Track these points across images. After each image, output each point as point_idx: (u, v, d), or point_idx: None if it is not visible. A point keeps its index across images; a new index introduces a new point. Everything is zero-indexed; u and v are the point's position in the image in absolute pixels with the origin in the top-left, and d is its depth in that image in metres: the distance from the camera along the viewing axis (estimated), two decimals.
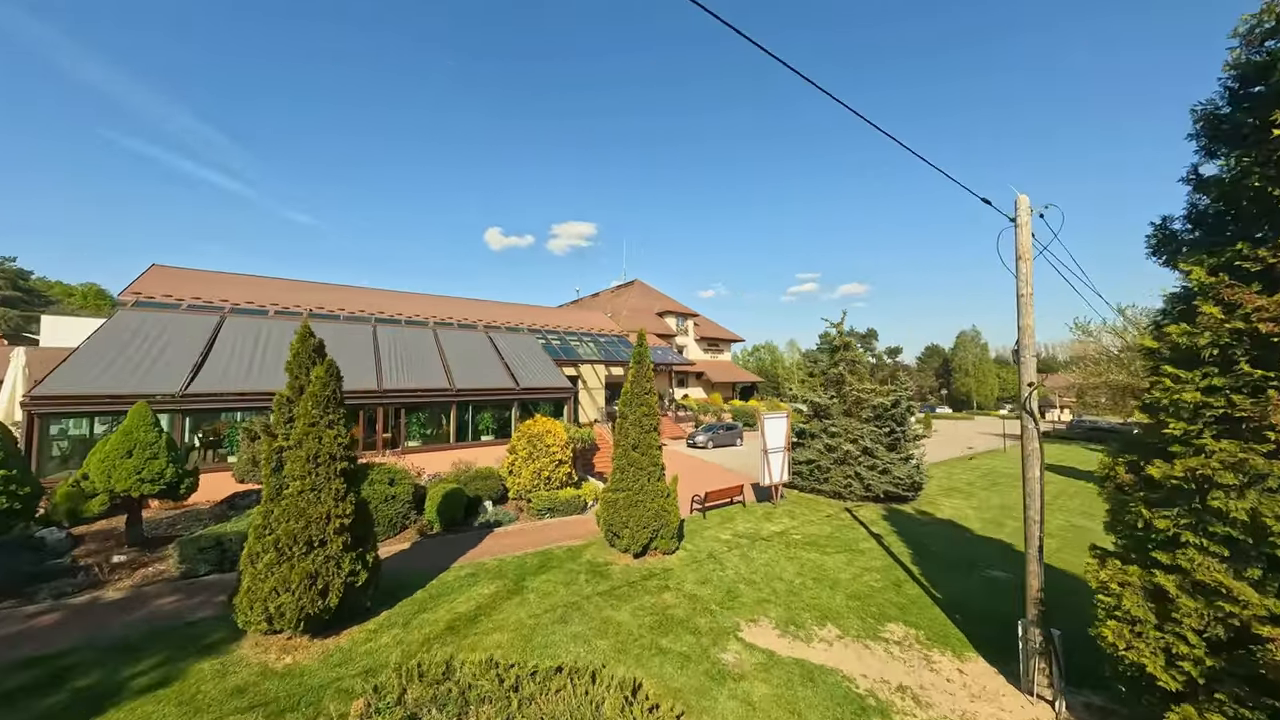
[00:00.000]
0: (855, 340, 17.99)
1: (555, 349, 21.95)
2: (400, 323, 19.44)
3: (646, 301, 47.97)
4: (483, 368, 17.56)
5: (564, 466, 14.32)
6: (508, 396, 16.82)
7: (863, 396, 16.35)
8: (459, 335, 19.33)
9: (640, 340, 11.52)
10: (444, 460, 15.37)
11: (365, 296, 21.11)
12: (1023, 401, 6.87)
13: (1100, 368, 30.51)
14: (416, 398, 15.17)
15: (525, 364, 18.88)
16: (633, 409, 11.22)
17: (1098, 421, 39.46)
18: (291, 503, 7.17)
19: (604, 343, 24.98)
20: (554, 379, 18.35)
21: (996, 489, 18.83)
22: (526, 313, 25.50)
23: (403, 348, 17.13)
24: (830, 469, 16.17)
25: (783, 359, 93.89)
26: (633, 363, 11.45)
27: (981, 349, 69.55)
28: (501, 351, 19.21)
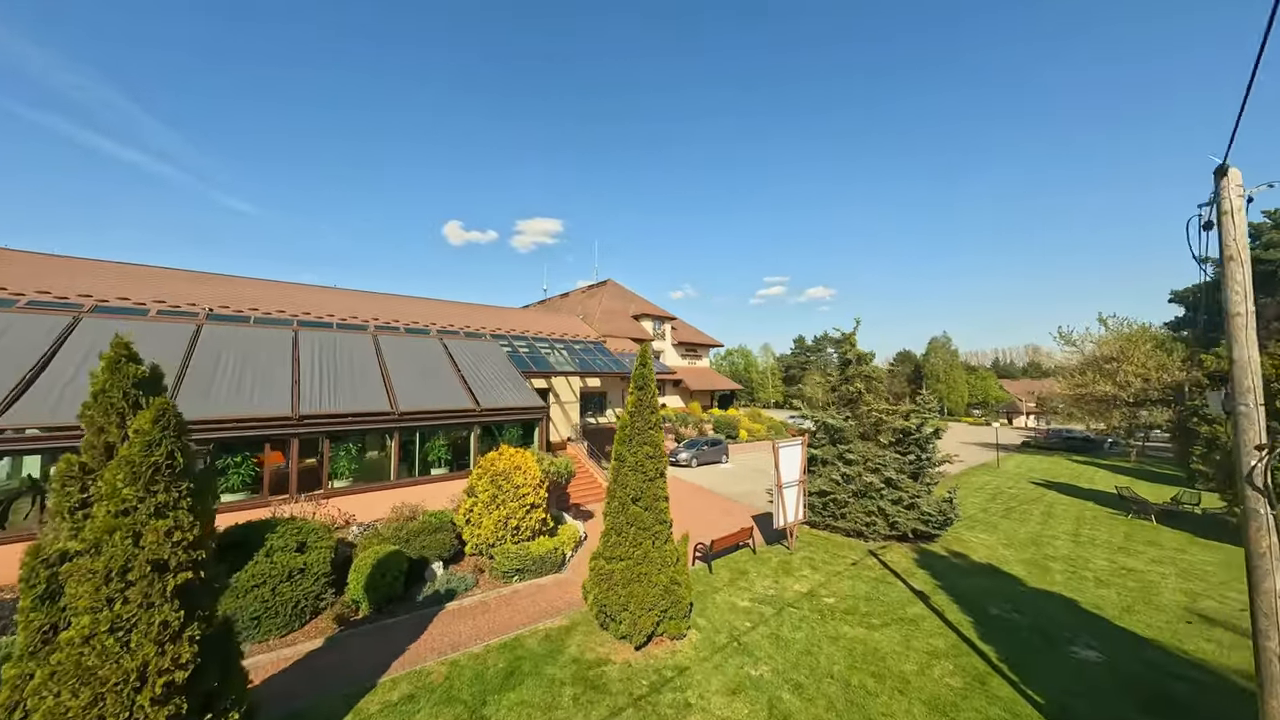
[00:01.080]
0: (871, 354, 15.90)
1: (523, 358, 18.93)
2: (332, 326, 15.96)
3: (621, 303, 45.25)
4: (435, 383, 14.40)
5: (537, 511, 11.44)
6: (466, 419, 13.76)
7: (884, 419, 14.22)
8: (407, 343, 16.04)
9: (643, 358, 8.84)
10: (382, 503, 12.18)
11: (288, 293, 17.42)
12: (1249, 470, 4.59)
13: (1086, 378, 30.06)
14: (346, 424, 11.92)
15: (488, 377, 15.81)
16: (633, 448, 8.53)
17: (1073, 431, 39.62)
18: (70, 659, 4.09)
19: (578, 350, 22.12)
20: (522, 396, 15.38)
21: (1015, 517, 17.18)
22: (490, 315, 22.31)
23: (332, 359, 13.76)
24: (848, 502, 13.96)
25: (756, 363, 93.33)
26: (632, 388, 8.77)
27: (952, 355, 70.60)
28: (459, 362, 16.07)
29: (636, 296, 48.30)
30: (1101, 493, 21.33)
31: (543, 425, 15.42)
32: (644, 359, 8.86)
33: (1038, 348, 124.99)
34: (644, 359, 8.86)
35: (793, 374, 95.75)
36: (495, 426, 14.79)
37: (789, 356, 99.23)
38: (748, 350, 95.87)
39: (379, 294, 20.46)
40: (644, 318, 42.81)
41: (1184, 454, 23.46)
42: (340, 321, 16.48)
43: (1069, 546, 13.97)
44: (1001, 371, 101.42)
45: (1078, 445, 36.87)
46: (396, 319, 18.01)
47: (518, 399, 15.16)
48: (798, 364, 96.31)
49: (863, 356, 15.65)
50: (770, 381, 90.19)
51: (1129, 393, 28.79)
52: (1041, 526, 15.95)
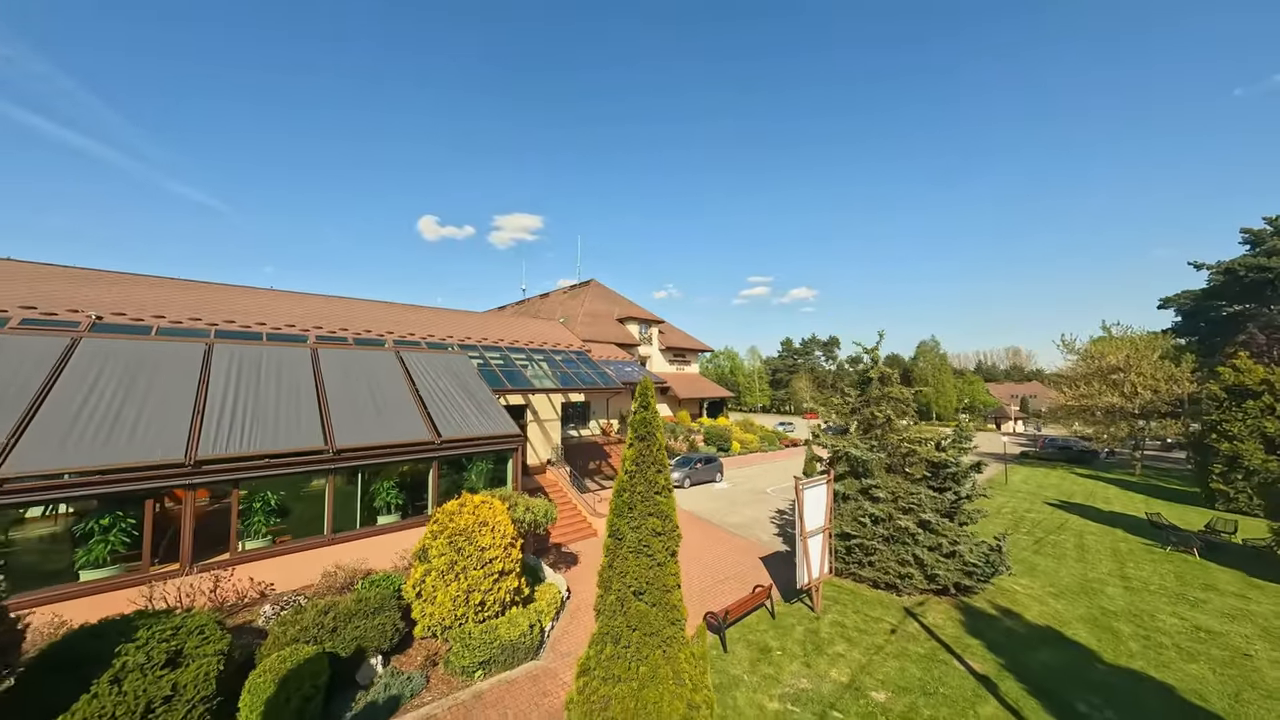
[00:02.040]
0: (894, 373, 13.92)
1: (496, 373, 16.46)
2: (260, 338, 13.28)
3: (606, 305, 42.90)
4: (386, 409, 11.88)
5: (507, 580, 9.07)
6: (422, 454, 11.29)
7: (916, 450, 12.23)
8: (355, 358, 13.44)
9: (644, 395, 6.59)
10: (312, 566, 9.66)
11: (208, 297, 14.46)
12: None
13: (1092, 389, 28.86)
14: (262, 469, 9.36)
15: (453, 399, 13.34)
16: (634, 521, 6.30)
17: (1069, 441, 38.74)
18: None
19: (559, 361, 19.72)
20: (493, 421, 12.97)
21: (1048, 552, 15.45)
22: (458, 322, 19.70)
23: (255, 381, 11.13)
24: (878, 549, 11.93)
25: (743, 366, 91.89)
26: (631, 436, 6.53)
27: (940, 359, 70.19)
28: (418, 381, 13.55)
29: (622, 298, 46.00)
30: (1124, 517, 19.88)
31: (517, 456, 13.02)
32: (645, 395, 6.60)
33: (1018, 350, 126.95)
34: (645, 395, 6.60)
35: (780, 377, 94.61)
36: (462, 459, 12.35)
37: (776, 359, 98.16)
38: (734, 353, 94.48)
39: (325, 297, 17.60)
40: (630, 321, 40.58)
41: (1202, 471, 22.24)
42: (273, 331, 13.78)
43: (1123, 595, 12.20)
44: (984, 374, 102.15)
45: (1076, 455, 35.93)
46: (345, 327, 15.36)
47: (488, 425, 12.72)
48: (785, 367, 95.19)
49: (887, 375, 13.66)
50: (757, 385, 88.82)
51: (1136, 404, 27.69)
52: (1082, 566, 14.21)
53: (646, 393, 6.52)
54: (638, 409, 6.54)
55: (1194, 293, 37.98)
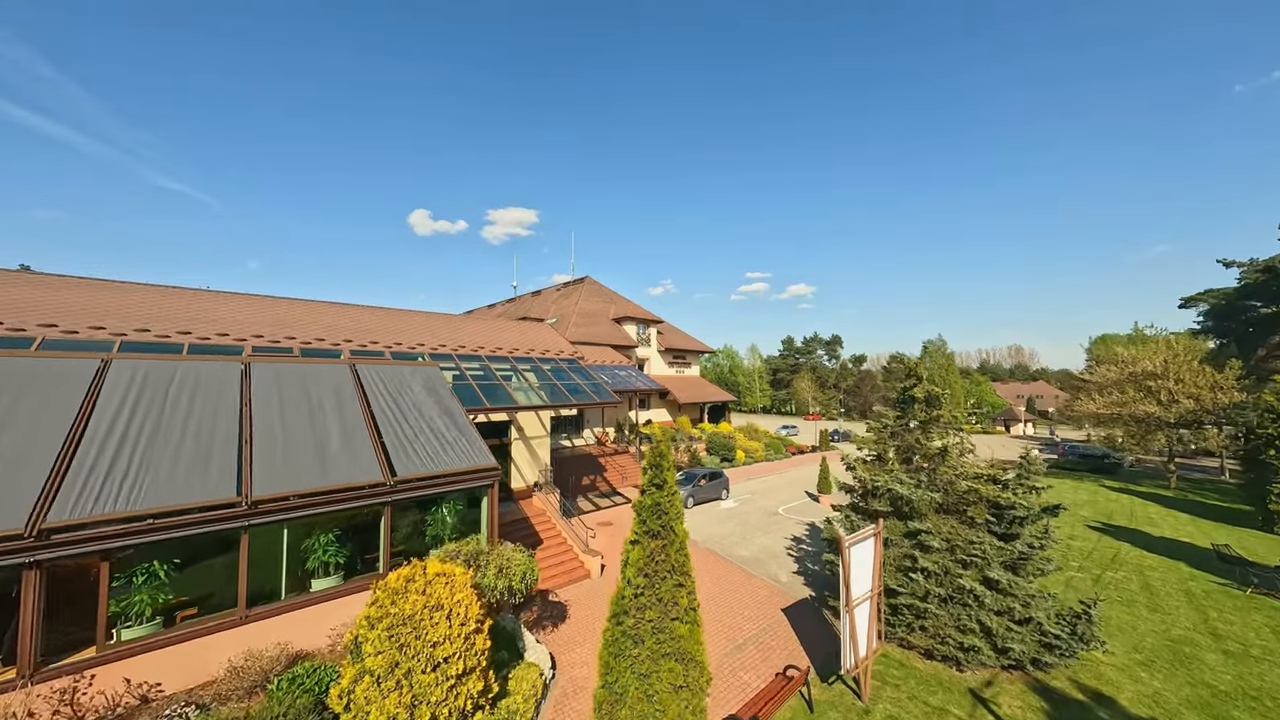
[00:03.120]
0: (939, 391, 11.74)
1: (473, 388, 14.19)
2: (181, 351, 10.98)
3: (601, 304, 40.62)
4: (328, 441, 9.61)
5: (470, 680, 6.84)
6: (370, 499, 9.04)
7: (979, 489, 10.04)
8: (297, 374, 11.14)
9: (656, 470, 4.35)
10: (217, 653, 7.43)
11: (123, 300, 11.98)
12: None
13: (1126, 396, 26.78)
14: (143, 533, 7.09)
15: (416, 423, 11.11)
16: (641, 665, 4.13)
17: (1091, 448, 36.75)
18: None
19: (548, 370, 17.45)
20: (466, 451, 10.74)
21: (1116, 595, 13.34)
22: (434, 326, 17.36)
23: (160, 409, 8.84)
24: (929, 610, 9.75)
25: (743, 365, 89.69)
26: (638, 528, 4.36)
27: (948, 359, 68.16)
28: (375, 402, 11.27)
29: (618, 296, 43.74)
30: (1181, 545, 17.80)
31: (493, 494, 10.77)
32: (659, 465, 4.37)
33: (1021, 348, 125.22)
34: (659, 465, 4.37)
35: (781, 377, 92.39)
36: (425, 501, 10.11)
37: (777, 358, 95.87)
38: (733, 351, 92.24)
39: (274, 299, 15.08)
40: (627, 321, 38.32)
41: (1257, 489, 20.21)
42: (199, 342, 11.45)
43: (1226, 665, 10.09)
44: (988, 374, 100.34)
45: (1100, 464, 33.94)
46: (293, 335, 13.04)
47: (457, 458, 10.47)
48: (786, 367, 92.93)
49: (936, 396, 11.47)
50: (758, 385, 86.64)
51: (1173, 413, 25.63)
52: (1160, 618, 12.09)
53: (661, 462, 4.29)
54: (649, 485, 4.33)
55: (1224, 291, 35.94)
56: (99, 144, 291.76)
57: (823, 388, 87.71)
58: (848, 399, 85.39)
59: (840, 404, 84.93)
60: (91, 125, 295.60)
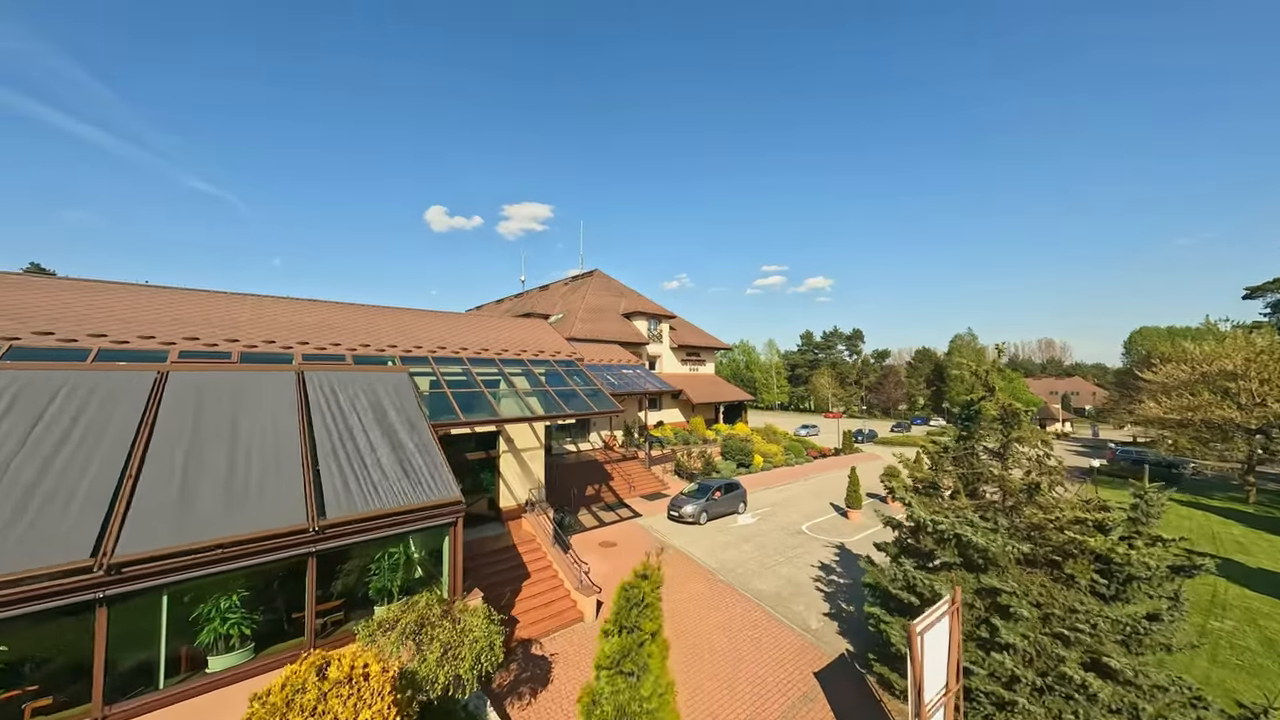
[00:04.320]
0: (1019, 407, 9.29)
1: (448, 397, 12.17)
2: (86, 357, 9.12)
3: (610, 298, 38.46)
4: (245, 474, 7.64)
5: None
6: (288, 549, 7.05)
7: (1087, 542, 7.60)
8: (226, 385, 9.20)
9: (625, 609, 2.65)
10: None
11: (21, 297, 9.87)
12: None
13: (1199, 400, 23.63)
14: None
15: (364, 445, 9.12)
16: None
17: (1144, 454, 33.38)
18: None
19: (541, 375, 15.34)
20: (424, 482, 8.71)
21: (1228, 652, 10.77)
22: (413, 324, 15.28)
23: (25, 434, 6.95)
24: (1019, 703, 7.39)
25: (759, 361, 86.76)
26: None
27: (978, 354, 64.41)
28: (319, 419, 9.31)
29: (629, 290, 41.52)
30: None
31: (457, 534, 8.71)
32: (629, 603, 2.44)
33: (1051, 341, 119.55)
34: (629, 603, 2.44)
35: (800, 373, 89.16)
36: (357, 548, 8.09)
37: (795, 354, 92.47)
38: (750, 347, 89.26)
39: (224, 294, 13.05)
40: (637, 316, 36.09)
41: None
42: (112, 347, 9.58)
43: None
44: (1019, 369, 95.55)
45: (1160, 472, 30.65)
46: (236, 336, 11.18)
47: (410, 489, 8.43)
48: (805, 362, 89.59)
49: (1014, 412, 9.02)
50: (775, 381, 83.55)
51: (1256, 417, 22.46)
52: None
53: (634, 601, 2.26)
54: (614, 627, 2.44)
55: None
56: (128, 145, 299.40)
57: (843, 384, 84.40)
58: (870, 396, 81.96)
59: (862, 401, 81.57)
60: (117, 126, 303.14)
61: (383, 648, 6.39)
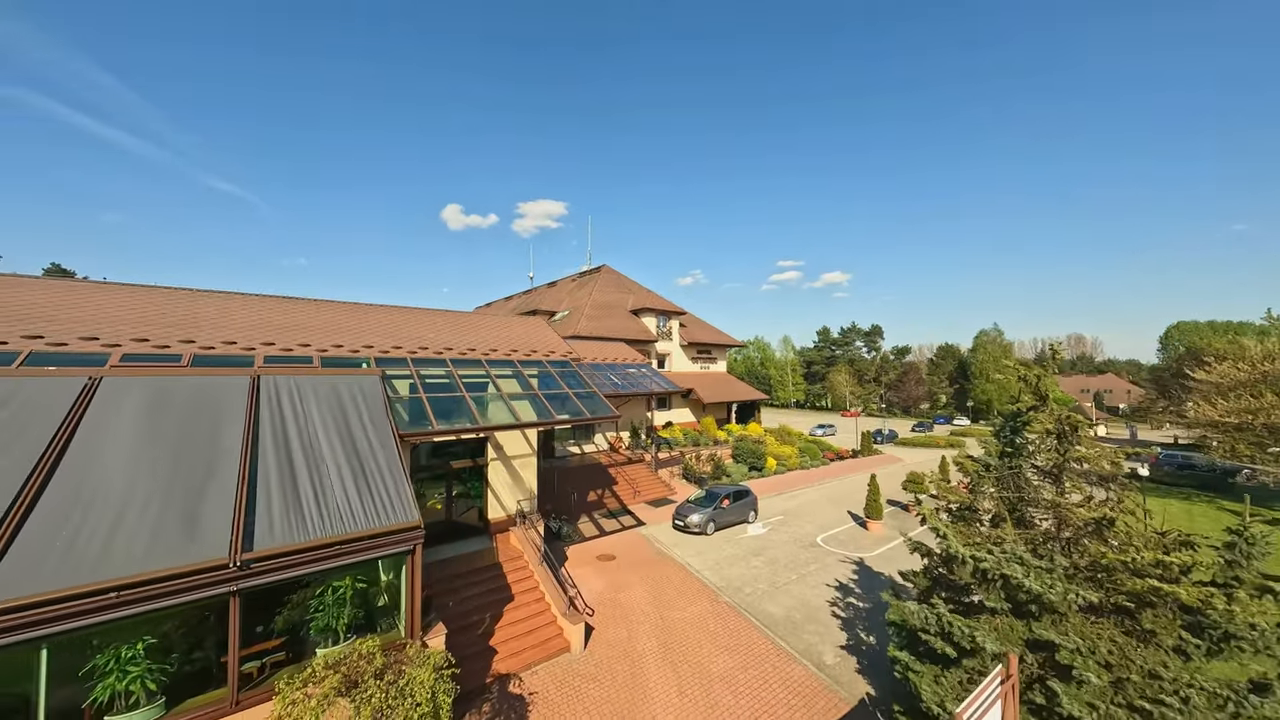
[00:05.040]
0: (1081, 419, 7.81)
1: (423, 403, 11.09)
2: (11, 361, 8.22)
3: (618, 295, 37.25)
4: (156, 503, 6.62)
5: None
6: (197, 592, 5.99)
7: (1174, 592, 6.12)
8: (163, 392, 8.24)
9: None
10: None
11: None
12: None
13: (1260, 403, 21.42)
14: None
15: (314, 460, 8.09)
16: None
17: (1191, 458, 30.94)
18: None
19: (532, 377, 14.21)
20: (378, 504, 7.64)
21: None
22: (392, 324, 14.15)
23: None
24: None
25: (774, 358, 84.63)
26: None
27: (1004, 350, 61.48)
28: (265, 430, 8.33)
29: (637, 286, 40.25)
30: None
31: (414, 562, 7.60)
32: None
33: (1082, 337, 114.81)
34: None
35: (816, 370, 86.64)
36: (295, 584, 7.02)
37: (811, 350, 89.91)
38: (765, 344, 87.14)
39: (180, 290, 12.24)
40: (646, 313, 34.82)
41: None
42: (50, 349, 8.60)
43: None
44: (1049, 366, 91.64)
45: (1211, 479, 28.32)
46: (191, 337, 10.27)
47: (359, 513, 7.35)
48: (822, 359, 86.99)
49: (1075, 424, 7.55)
50: (790, 379, 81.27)
51: None
52: None
53: None
54: None
55: None
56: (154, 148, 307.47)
57: (861, 382, 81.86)
58: (890, 394, 79.32)
59: (882, 399, 78.99)
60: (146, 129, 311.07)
61: (299, 718, 5.29)
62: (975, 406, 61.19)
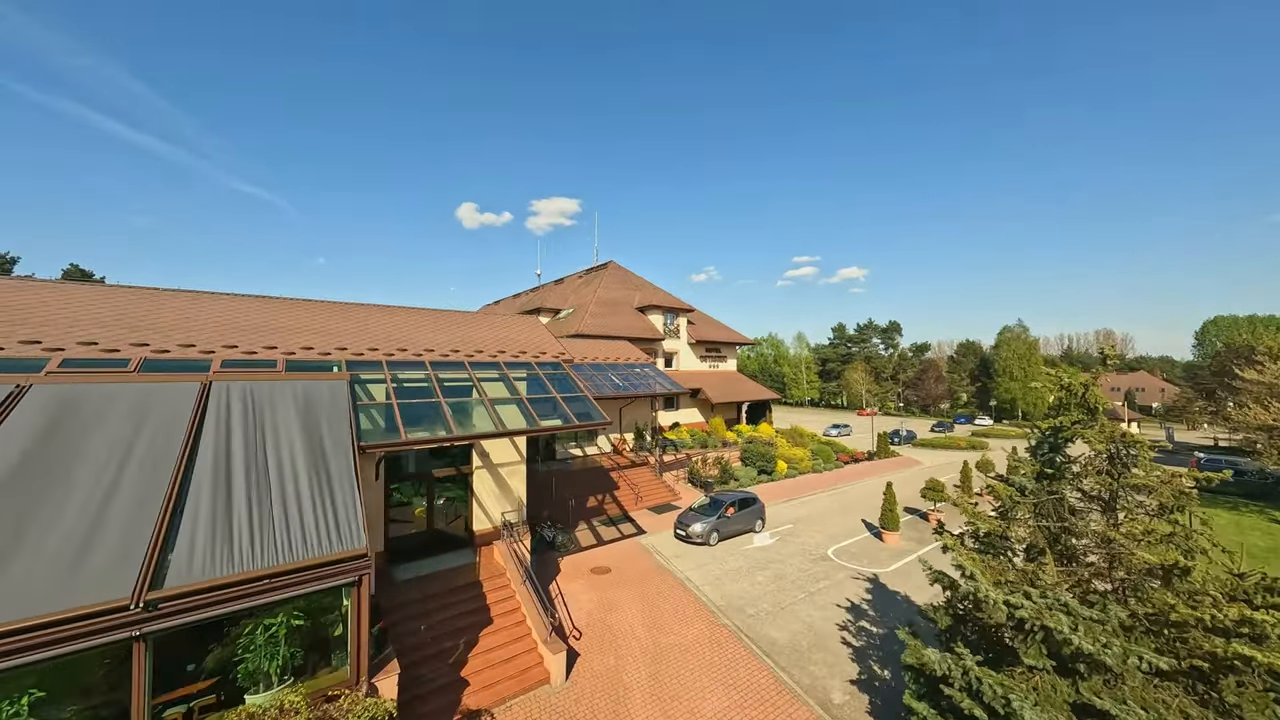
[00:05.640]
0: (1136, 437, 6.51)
1: (394, 410, 10.24)
2: None
3: (624, 291, 36.26)
4: (57, 532, 5.82)
5: None
6: (91, 639, 5.16)
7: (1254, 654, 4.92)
8: (100, 401, 7.56)
9: None
10: None
11: None
12: None
13: None
14: None
15: (257, 479, 7.30)
16: None
17: (1236, 463, 28.86)
18: None
19: (519, 380, 13.32)
20: (321, 529, 6.79)
21: None
22: (369, 324, 13.40)
23: None
24: None
25: (788, 355, 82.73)
26: None
27: (1029, 347, 58.79)
28: (204, 444, 7.54)
29: (644, 283, 39.21)
30: None
31: (362, 594, 6.73)
32: None
33: (1111, 333, 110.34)
34: None
35: (831, 368, 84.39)
36: (234, 617, 6.20)
37: (827, 348, 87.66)
38: (778, 341, 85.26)
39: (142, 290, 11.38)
40: (652, 310, 33.77)
41: None
42: None
43: None
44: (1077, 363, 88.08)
45: (1261, 486, 26.31)
46: (145, 341, 9.59)
47: (298, 541, 6.51)
48: (837, 356, 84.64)
49: (1132, 442, 6.33)
50: (805, 376, 79.27)
51: None
52: None
53: None
54: None
55: None
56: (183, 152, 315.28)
57: (878, 379, 79.60)
58: (908, 392, 76.95)
59: (900, 397, 76.70)
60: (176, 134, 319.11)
61: None
62: (998, 406, 58.66)
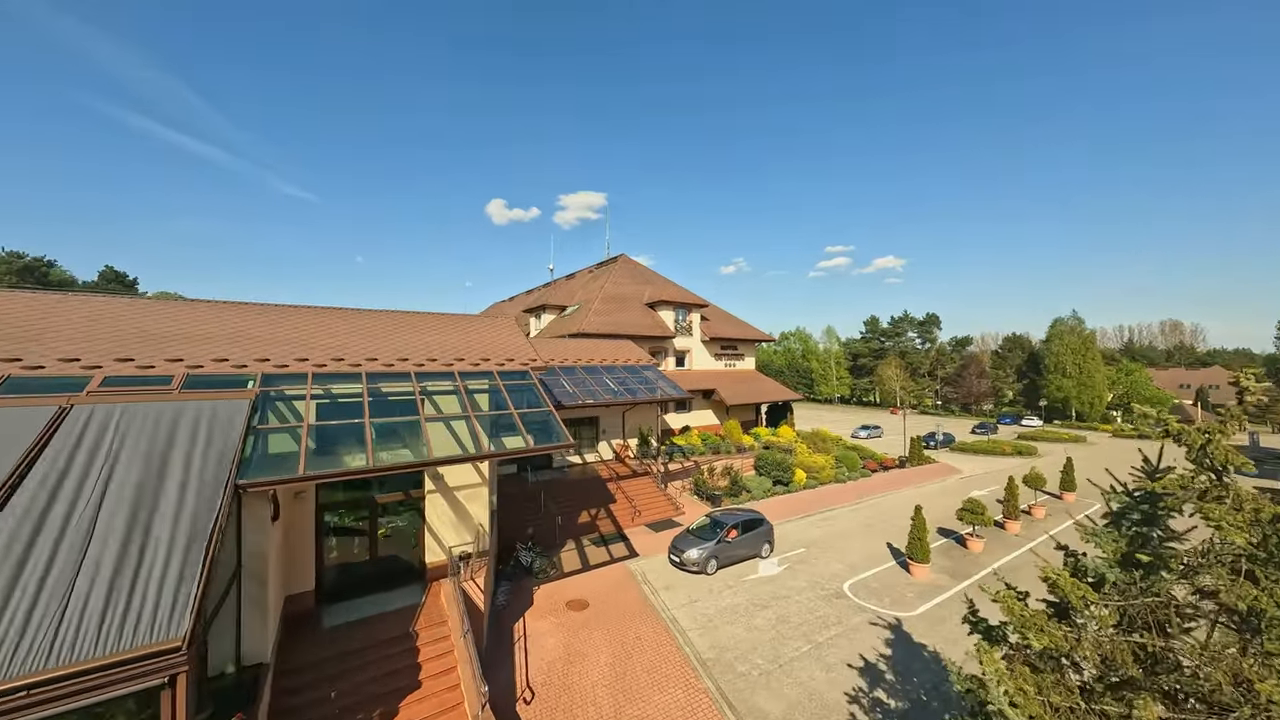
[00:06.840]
0: None
1: (304, 434, 8.66)
2: None
3: (633, 286, 34.31)
4: None
5: None
6: None
7: None
8: None
9: None
10: None
11: None
12: None
13: None
14: None
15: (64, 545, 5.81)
16: None
17: None
18: None
19: (480, 393, 11.62)
20: (116, 620, 5.14)
21: None
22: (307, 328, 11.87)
23: None
24: None
25: (817, 350, 78.60)
26: None
27: (1084, 341, 53.29)
28: (22, 492, 6.04)
29: (655, 276, 37.13)
30: None
31: (175, 700, 5.10)
32: None
33: (1179, 324, 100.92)
34: None
35: (863, 363, 79.62)
36: None
37: (858, 342, 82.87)
38: (806, 335, 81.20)
39: (40, 293, 10.29)
40: (663, 306, 31.70)
41: None
42: None
43: None
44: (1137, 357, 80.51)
45: None
46: (16, 355, 8.33)
47: (92, 632, 4.93)
48: (869, 351, 79.71)
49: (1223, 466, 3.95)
50: (834, 372, 75.07)
51: None
52: None
53: None
54: None
55: None
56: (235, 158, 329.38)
57: (914, 375, 74.87)
58: (947, 389, 72.00)
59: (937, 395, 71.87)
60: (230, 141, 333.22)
61: None
62: (1049, 405, 53.47)
